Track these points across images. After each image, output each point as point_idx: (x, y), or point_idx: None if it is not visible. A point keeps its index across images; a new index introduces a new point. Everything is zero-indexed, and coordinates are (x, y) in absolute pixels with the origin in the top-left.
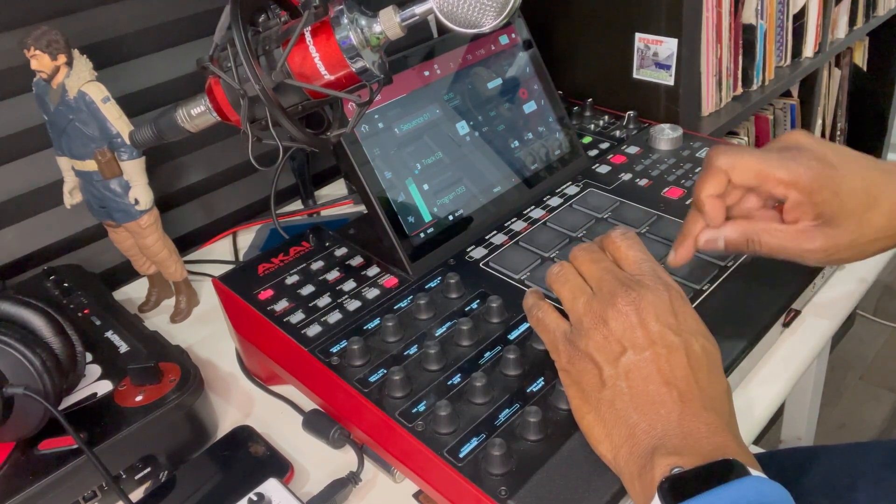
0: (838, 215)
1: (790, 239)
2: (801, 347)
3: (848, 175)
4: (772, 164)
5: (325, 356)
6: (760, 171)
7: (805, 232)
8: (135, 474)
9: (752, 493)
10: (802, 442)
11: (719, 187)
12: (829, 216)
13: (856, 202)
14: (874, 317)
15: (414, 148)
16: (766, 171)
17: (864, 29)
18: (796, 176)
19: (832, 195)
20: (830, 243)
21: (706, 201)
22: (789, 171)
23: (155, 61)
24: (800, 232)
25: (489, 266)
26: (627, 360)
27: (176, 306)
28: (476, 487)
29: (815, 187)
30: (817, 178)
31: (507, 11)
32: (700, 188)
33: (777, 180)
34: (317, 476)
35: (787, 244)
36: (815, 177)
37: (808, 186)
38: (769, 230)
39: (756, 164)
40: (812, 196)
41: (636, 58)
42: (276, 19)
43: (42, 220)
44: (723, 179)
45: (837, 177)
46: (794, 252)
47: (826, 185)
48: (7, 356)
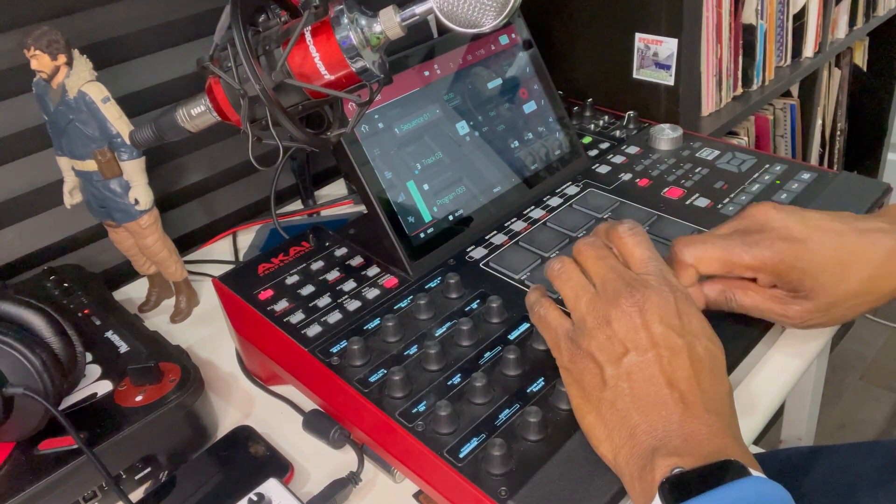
0: (811, 290)
1: (764, 302)
2: (801, 347)
3: (817, 249)
4: (735, 252)
5: (325, 356)
6: (725, 259)
7: (780, 298)
8: (135, 474)
9: (753, 493)
10: (802, 442)
11: (690, 280)
12: (802, 292)
13: (828, 276)
14: (874, 317)
15: (414, 148)
16: (730, 260)
17: (864, 29)
18: (761, 261)
19: (802, 274)
20: (806, 312)
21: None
22: (753, 257)
23: (155, 61)
24: (774, 297)
25: (489, 266)
26: (630, 360)
27: (176, 306)
28: (476, 487)
29: (782, 269)
30: (784, 260)
31: (507, 11)
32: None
33: (743, 267)
34: (317, 476)
35: (761, 306)
36: (782, 259)
37: (775, 269)
38: (745, 291)
39: (720, 254)
40: (781, 277)
41: (636, 58)
42: (276, 19)
43: (42, 220)
44: (692, 272)
45: (806, 254)
46: (768, 314)
47: (794, 265)
48: (7, 356)
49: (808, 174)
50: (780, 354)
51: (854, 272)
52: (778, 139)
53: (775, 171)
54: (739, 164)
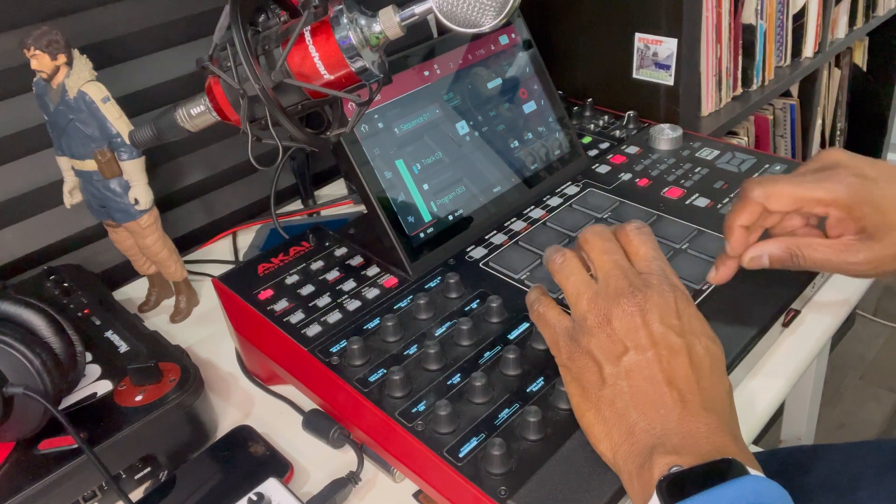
0: (881, 228)
1: (834, 253)
2: (800, 347)
3: (888, 188)
4: (808, 186)
5: (325, 356)
6: (797, 195)
7: (849, 245)
8: (135, 474)
9: (751, 492)
10: (802, 442)
11: (751, 218)
12: (872, 230)
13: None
14: (874, 317)
15: (414, 148)
16: (802, 195)
17: (864, 29)
18: (834, 194)
19: (873, 209)
20: (875, 255)
21: (735, 230)
22: (826, 190)
23: (155, 61)
24: (843, 245)
25: (489, 266)
26: (629, 359)
27: (176, 306)
28: (476, 487)
29: (854, 203)
30: (856, 194)
31: (507, 11)
32: (731, 217)
33: (815, 201)
34: (317, 476)
35: (830, 257)
36: (854, 193)
37: (847, 203)
38: (812, 244)
39: (791, 189)
40: (852, 212)
41: (636, 58)
42: (276, 19)
43: (42, 220)
44: (756, 210)
45: (877, 190)
46: (838, 265)
47: (865, 199)
48: (7, 356)
49: None
50: (780, 354)
51: None
52: (778, 139)
53: (775, 170)
54: (739, 164)
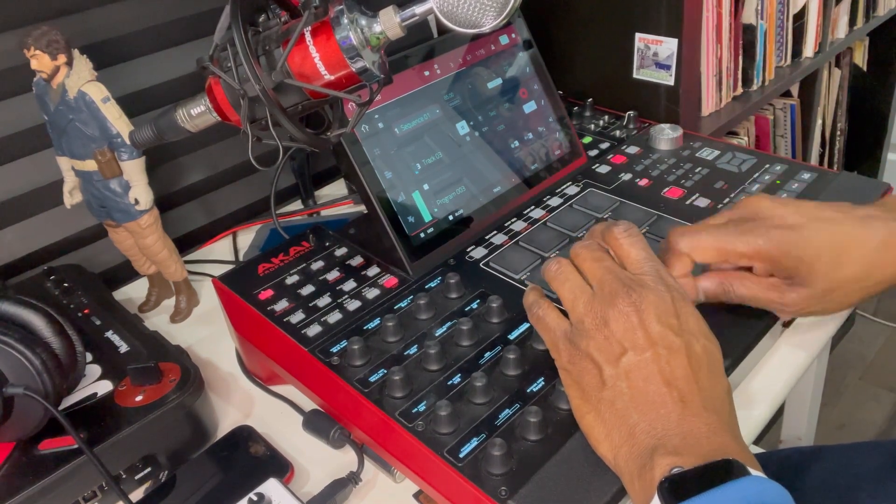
0: (807, 277)
1: (762, 291)
2: (800, 347)
3: (812, 236)
4: (729, 240)
5: (325, 356)
6: (720, 248)
7: (776, 287)
8: (135, 474)
9: (752, 492)
10: (802, 442)
11: (685, 269)
12: (799, 279)
13: (823, 263)
14: (874, 317)
15: (414, 148)
16: (725, 248)
17: (864, 29)
18: (756, 248)
19: (797, 261)
20: (801, 298)
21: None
22: (748, 244)
23: (155, 61)
24: (771, 286)
25: (489, 266)
26: (628, 360)
27: (176, 306)
28: (476, 487)
29: (777, 256)
30: (778, 247)
31: (508, 11)
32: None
33: (738, 255)
34: (317, 476)
35: (758, 295)
36: (776, 245)
37: (770, 256)
38: (742, 281)
39: (714, 243)
40: (776, 264)
41: (636, 58)
42: (276, 19)
43: (42, 220)
44: (687, 261)
45: (801, 241)
46: (766, 303)
47: (788, 252)
48: (7, 356)
49: (808, 174)
50: (780, 354)
51: (850, 258)
52: (778, 139)
53: (775, 171)
54: (739, 164)
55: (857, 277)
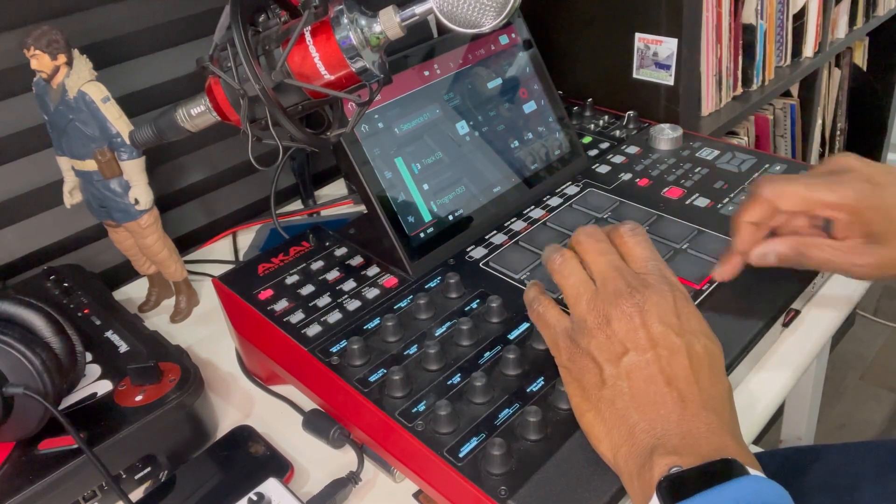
0: (887, 233)
1: (840, 254)
2: (801, 347)
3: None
4: (818, 188)
5: (325, 356)
6: (807, 196)
7: (855, 248)
8: (135, 474)
9: (751, 492)
10: (802, 442)
11: (760, 216)
12: (879, 234)
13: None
14: (874, 317)
15: (414, 148)
16: (812, 196)
17: (864, 29)
18: (843, 198)
19: (880, 215)
20: (880, 259)
21: (743, 226)
22: (835, 193)
23: (155, 61)
24: (850, 247)
25: (489, 266)
26: (629, 360)
27: (176, 306)
28: (476, 487)
29: (862, 207)
30: (865, 199)
31: (507, 11)
32: (741, 213)
33: (825, 204)
34: (317, 476)
35: (836, 259)
36: (863, 198)
37: (855, 207)
38: (819, 245)
39: (802, 190)
40: (860, 216)
41: (636, 58)
42: (276, 19)
43: (42, 220)
44: (766, 208)
45: (886, 196)
46: (843, 266)
47: (874, 204)
48: (7, 356)
49: None
50: (780, 354)
51: None
52: (778, 139)
53: (775, 170)
54: (739, 163)
55: None
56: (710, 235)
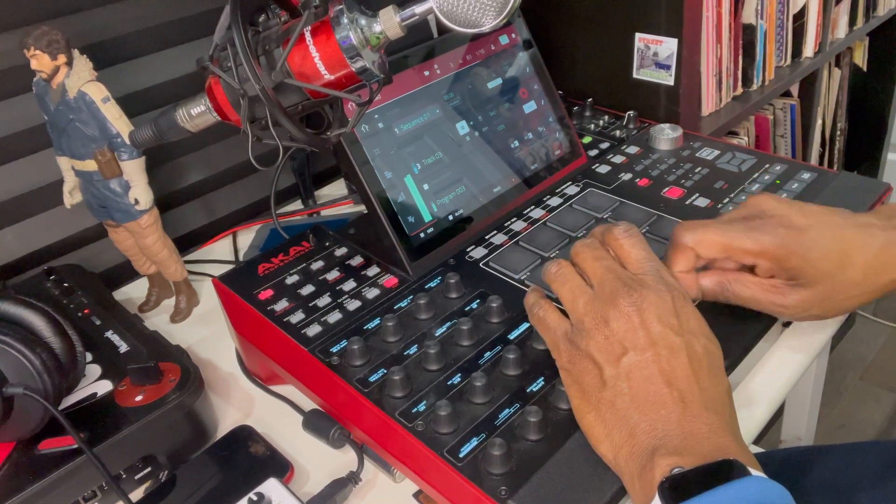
0: (811, 278)
1: (762, 292)
2: (801, 347)
3: (818, 237)
4: (736, 236)
5: (325, 356)
6: (726, 244)
7: (778, 289)
8: (135, 474)
9: (753, 493)
10: (802, 442)
11: (688, 264)
12: (802, 280)
13: (828, 265)
14: (874, 317)
15: (414, 148)
16: (731, 244)
17: (864, 29)
18: (762, 246)
19: (802, 261)
20: (802, 301)
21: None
22: (755, 241)
23: (155, 61)
24: (772, 287)
25: (489, 266)
26: (629, 360)
27: (176, 306)
28: (476, 487)
29: (783, 255)
30: (784, 246)
31: (507, 11)
32: (670, 266)
33: (744, 252)
34: (317, 476)
35: (758, 297)
36: (782, 244)
37: (775, 255)
38: (743, 281)
39: (720, 238)
40: (781, 263)
41: (636, 58)
42: (276, 19)
43: (42, 220)
44: (691, 256)
45: (807, 241)
46: (766, 305)
47: (795, 251)
48: (7, 356)
49: (808, 174)
50: (779, 354)
51: (852, 262)
52: (778, 139)
53: (775, 170)
54: (739, 164)
55: (858, 281)
56: None
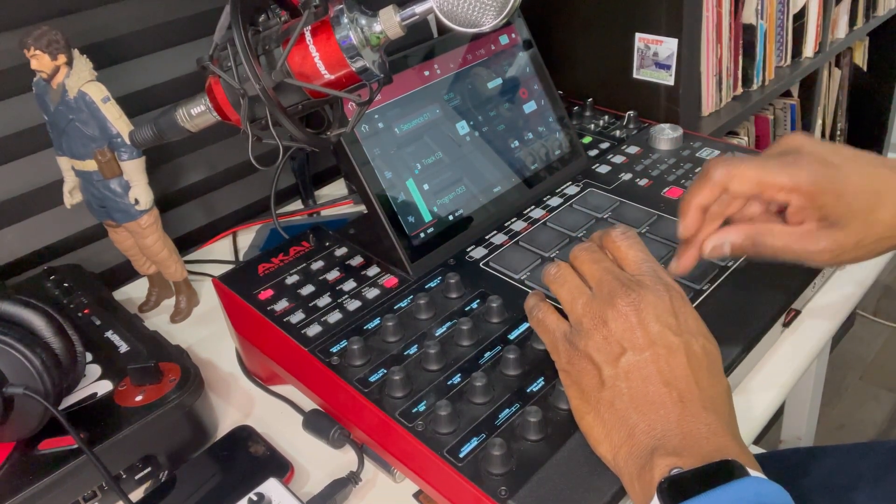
0: (843, 217)
1: (795, 240)
2: (801, 347)
3: (851, 175)
4: (771, 170)
5: (325, 356)
6: (760, 178)
7: (810, 233)
8: (135, 474)
9: (752, 493)
10: (802, 442)
11: (710, 197)
12: (834, 218)
13: (861, 203)
14: (874, 317)
15: (414, 148)
16: (765, 179)
17: (864, 29)
18: (797, 180)
19: (835, 197)
20: (836, 244)
21: (691, 210)
22: (790, 176)
23: (155, 61)
24: (804, 233)
25: (489, 266)
26: (627, 360)
27: (176, 306)
28: (476, 487)
29: (817, 190)
30: (819, 181)
31: (507, 11)
32: (690, 195)
33: (778, 186)
34: (317, 476)
35: (791, 245)
36: (817, 180)
37: (810, 190)
38: (773, 232)
39: (755, 172)
40: (815, 199)
41: (636, 58)
42: (276, 19)
43: (42, 220)
44: (716, 190)
45: (840, 178)
46: (798, 253)
47: (828, 187)
48: (7, 356)
49: None
50: (779, 354)
51: (886, 200)
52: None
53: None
54: None
55: (889, 223)
56: None
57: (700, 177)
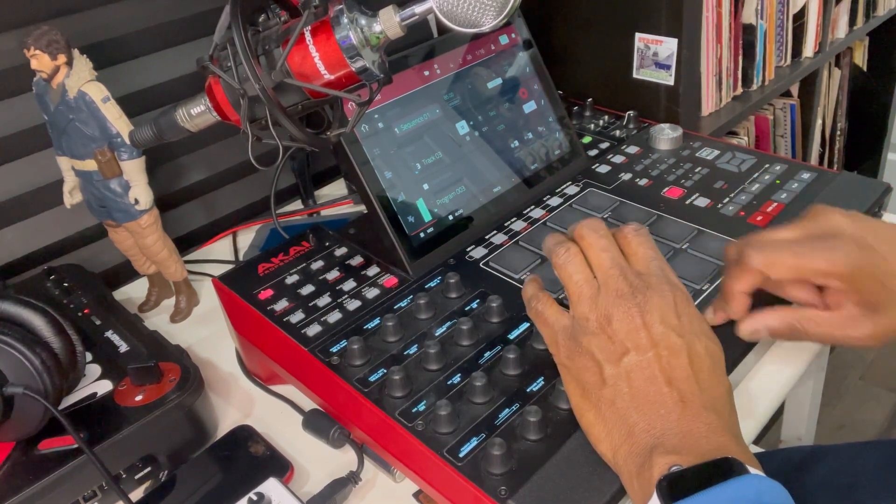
0: (884, 302)
1: (836, 327)
2: (801, 347)
3: (890, 257)
4: (809, 257)
5: (325, 356)
6: (798, 265)
7: (851, 319)
8: (135, 474)
9: (751, 491)
10: (802, 442)
11: (751, 285)
12: (875, 303)
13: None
14: None
15: (414, 148)
16: (804, 265)
17: (864, 29)
18: (836, 267)
19: (875, 283)
20: (879, 329)
21: (735, 297)
22: (828, 262)
23: (155, 61)
24: (846, 319)
25: (489, 266)
26: (630, 360)
27: (176, 306)
28: (476, 487)
29: (856, 276)
30: (859, 267)
31: (507, 11)
32: (732, 283)
33: (817, 272)
34: (317, 476)
35: (833, 332)
36: (857, 265)
37: (849, 276)
38: (814, 319)
39: (793, 260)
40: (854, 284)
41: (636, 58)
42: (276, 19)
43: (42, 220)
44: (757, 279)
45: (880, 262)
46: (839, 339)
47: (869, 273)
48: (7, 356)
49: (808, 174)
50: (780, 354)
51: None
52: (778, 139)
53: (775, 170)
54: (739, 163)
55: None
56: (711, 235)
57: (739, 263)
